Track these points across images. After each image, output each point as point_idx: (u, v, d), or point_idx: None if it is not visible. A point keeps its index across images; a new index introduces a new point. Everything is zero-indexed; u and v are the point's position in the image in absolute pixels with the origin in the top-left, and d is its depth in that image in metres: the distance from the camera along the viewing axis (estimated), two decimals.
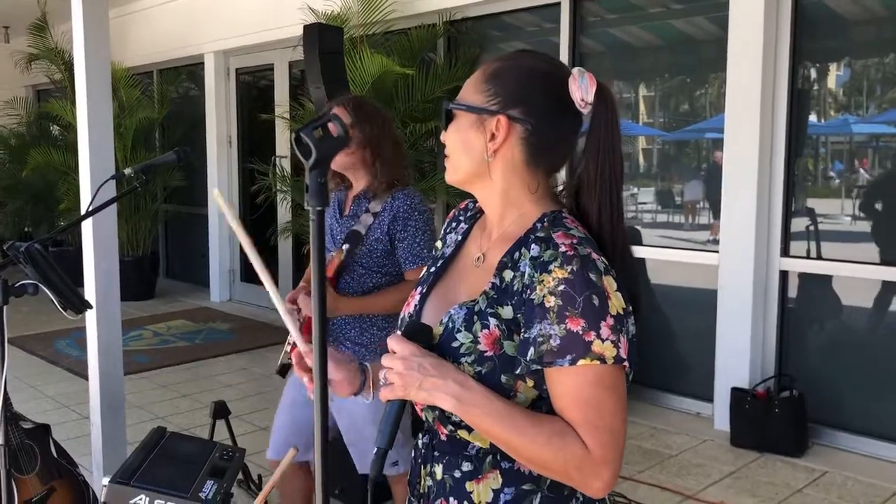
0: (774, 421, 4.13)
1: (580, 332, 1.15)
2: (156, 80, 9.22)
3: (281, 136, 7.45)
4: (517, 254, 1.25)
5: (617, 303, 1.18)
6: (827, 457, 4.11)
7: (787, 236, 4.46)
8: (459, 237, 1.43)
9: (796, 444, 4.11)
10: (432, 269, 1.44)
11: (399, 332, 1.24)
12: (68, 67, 8.77)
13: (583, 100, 1.25)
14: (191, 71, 8.75)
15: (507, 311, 1.23)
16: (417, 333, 1.24)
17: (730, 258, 4.47)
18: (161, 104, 8.65)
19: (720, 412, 4.49)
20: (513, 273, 1.24)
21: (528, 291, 1.20)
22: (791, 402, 4.17)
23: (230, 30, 7.60)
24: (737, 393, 4.31)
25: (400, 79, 5.59)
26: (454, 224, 1.47)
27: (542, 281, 1.19)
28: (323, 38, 3.94)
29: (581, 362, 1.15)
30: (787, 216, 4.43)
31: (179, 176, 8.15)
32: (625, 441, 1.20)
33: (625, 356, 1.17)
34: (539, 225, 1.27)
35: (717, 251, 4.60)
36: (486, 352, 1.22)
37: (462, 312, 1.26)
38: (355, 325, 2.61)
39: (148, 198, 8.34)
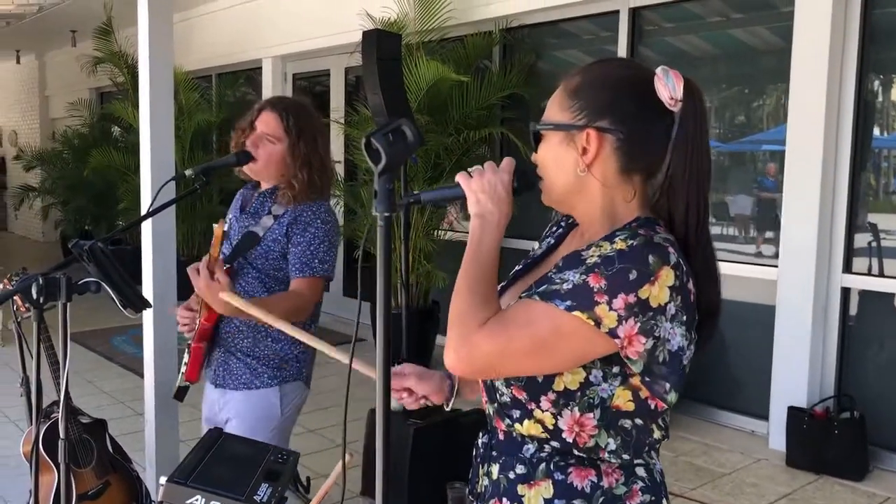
0: (833, 442, 4.00)
1: (594, 290, 1.14)
2: (214, 83, 9.40)
3: (336, 141, 7.50)
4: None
5: (656, 293, 1.14)
6: (889, 482, 3.97)
7: (849, 252, 4.33)
8: (553, 240, 1.45)
9: (856, 467, 3.98)
10: (519, 266, 1.46)
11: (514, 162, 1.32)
12: (131, 70, 8.99)
13: (672, 98, 1.23)
14: (248, 75, 8.90)
15: None
16: (522, 175, 1.30)
17: (789, 273, 4.35)
18: (219, 108, 8.81)
19: (776, 431, 4.37)
20: None
21: (584, 251, 1.21)
22: (851, 424, 4.04)
23: (289, 35, 7.70)
24: (794, 412, 4.19)
25: (455, 86, 5.59)
26: (553, 228, 1.49)
27: (601, 246, 1.19)
28: (381, 44, 3.94)
29: (576, 313, 1.14)
30: (850, 231, 4.31)
31: (236, 178, 8.26)
32: (498, 368, 1.21)
33: (621, 335, 1.14)
34: (628, 225, 1.25)
35: (775, 265, 4.48)
36: None
37: (524, 294, 1.28)
38: (249, 334, 2.42)
39: (204, 199, 8.49)
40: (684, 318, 1.18)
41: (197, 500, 1.47)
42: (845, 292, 4.34)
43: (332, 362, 2.64)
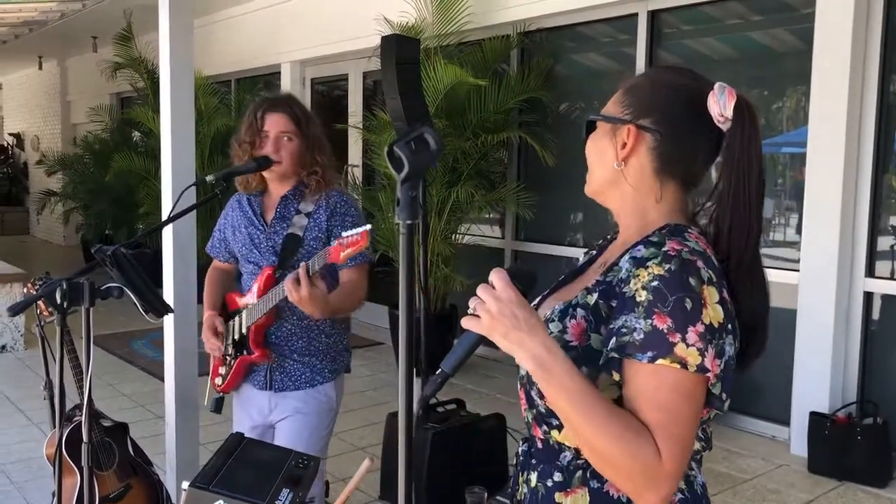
0: (856, 448, 3.96)
1: (664, 331, 1.12)
2: (233, 88, 9.46)
3: (354, 146, 7.53)
4: (626, 255, 1.24)
5: (713, 314, 1.14)
6: None
7: (872, 256, 4.28)
8: (595, 252, 1.44)
9: (880, 473, 3.93)
10: (561, 277, 1.45)
11: (504, 270, 1.19)
12: (151, 76, 9.08)
13: (721, 115, 1.22)
14: (267, 80, 8.95)
15: (591, 298, 1.23)
16: (521, 276, 1.18)
17: (811, 277, 4.31)
18: (238, 112, 8.86)
19: (797, 437, 4.33)
20: (614, 272, 1.24)
21: (622, 285, 1.19)
22: (874, 430, 3.99)
23: (307, 40, 7.74)
24: (815, 417, 4.15)
25: (473, 90, 5.60)
26: (601, 241, 1.48)
27: (638, 275, 1.17)
28: (400, 48, 3.95)
29: (660, 362, 1.12)
30: (873, 235, 4.26)
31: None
32: (688, 455, 1.16)
33: (709, 367, 1.13)
34: (657, 232, 1.25)
35: (797, 269, 4.45)
36: (571, 342, 1.21)
37: (561, 308, 1.27)
38: (302, 335, 2.47)
39: (223, 204, 8.54)
40: (729, 325, 1.18)
41: None
42: (868, 296, 4.30)
43: (351, 366, 2.66)
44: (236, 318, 2.51)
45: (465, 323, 1.16)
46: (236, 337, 2.49)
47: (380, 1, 6.33)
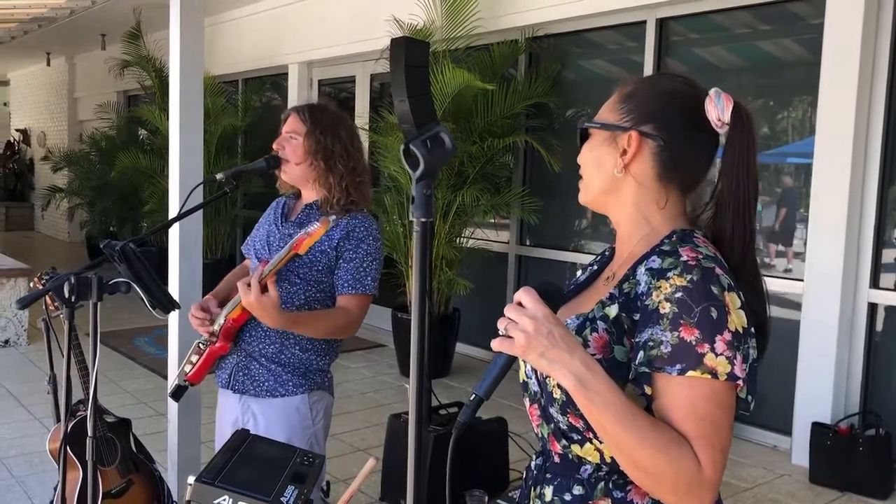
0: (858, 460, 3.95)
1: (693, 343, 1.13)
2: (240, 88, 9.48)
3: None
4: (640, 267, 1.24)
5: (737, 320, 1.15)
6: None
7: (876, 267, 4.28)
8: (597, 267, 1.44)
9: (881, 485, 3.93)
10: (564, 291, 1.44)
11: (533, 288, 1.15)
12: (159, 74, 9.11)
13: (719, 119, 1.24)
14: (274, 81, 8.97)
15: (612, 310, 1.23)
16: (551, 295, 1.15)
17: (815, 288, 4.31)
18: (245, 112, 8.88)
19: (799, 447, 4.32)
20: (630, 284, 1.24)
21: (644, 297, 1.19)
22: (876, 441, 3.98)
23: (315, 42, 7.76)
24: (818, 428, 4.14)
25: (480, 94, 5.60)
26: (598, 257, 1.48)
27: (660, 287, 1.17)
28: (410, 51, 3.95)
29: (690, 373, 1.13)
30: (878, 246, 4.26)
31: (260, 183, 8.32)
32: (725, 461, 1.16)
33: (739, 374, 1.13)
34: (667, 240, 1.26)
35: (801, 280, 4.45)
36: (595, 354, 1.20)
37: (577, 321, 1.26)
38: (276, 340, 2.36)
39: (228, 203, 8.56)
40: (751, 329, 1.19)
41: (224, 500, 1.48)
42: (872, 308, 4.30)
43: (353, 367, 2.66)
44: (224, 309, 2.47)
45: (498, 345, 1.14)
46: (216, 328, 2.45)
47: (388, 3, 6.35)
